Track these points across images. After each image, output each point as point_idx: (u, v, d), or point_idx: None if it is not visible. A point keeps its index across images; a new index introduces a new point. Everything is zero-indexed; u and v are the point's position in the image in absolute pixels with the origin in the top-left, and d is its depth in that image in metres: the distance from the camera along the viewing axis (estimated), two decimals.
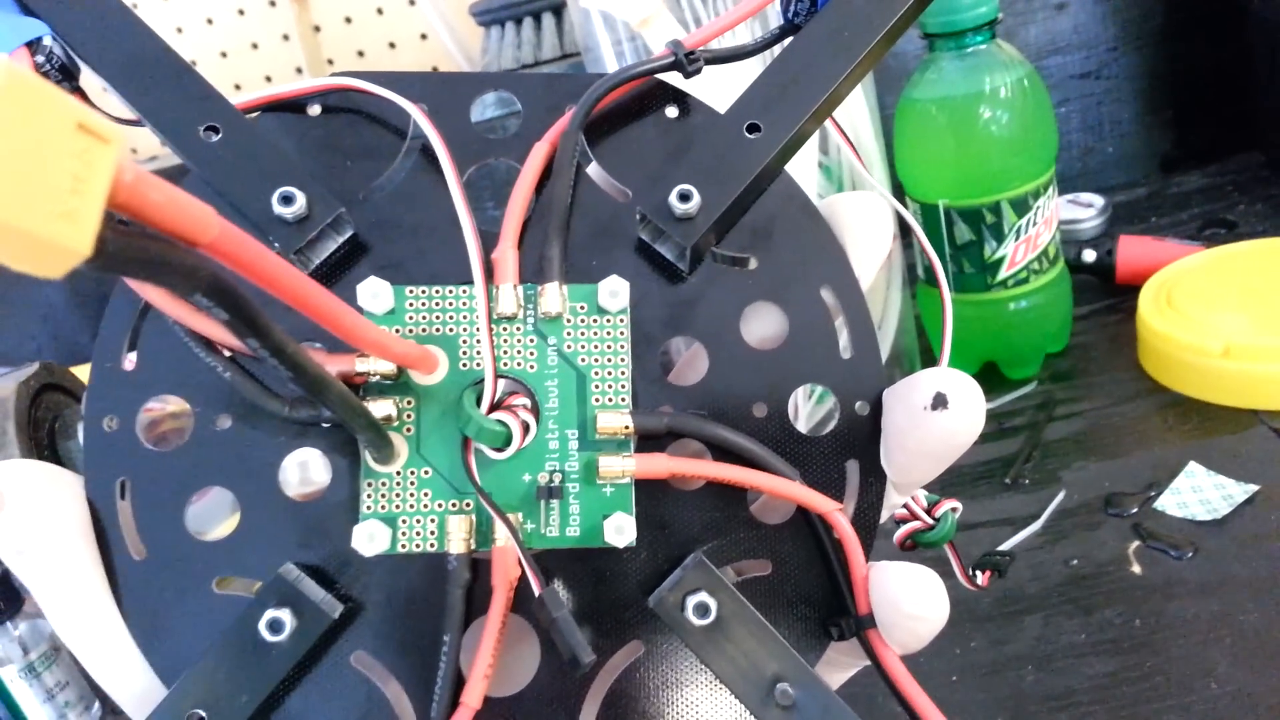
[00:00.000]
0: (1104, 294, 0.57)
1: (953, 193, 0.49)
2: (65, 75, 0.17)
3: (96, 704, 0.46)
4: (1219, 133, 0.69)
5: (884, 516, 0.19)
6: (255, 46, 0.85)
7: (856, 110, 0.48)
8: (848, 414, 0.18)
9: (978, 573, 0.37)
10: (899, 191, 0.52)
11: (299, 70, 0.84)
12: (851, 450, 0.18)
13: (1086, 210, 0.63)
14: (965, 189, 0.48)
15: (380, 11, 0.83)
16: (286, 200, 0.16)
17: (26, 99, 0.08)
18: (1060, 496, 0.43)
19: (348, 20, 0.84)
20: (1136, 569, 0.38)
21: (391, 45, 0.84)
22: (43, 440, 0.32)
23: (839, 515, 0.17)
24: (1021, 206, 0.48)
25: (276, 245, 0.16)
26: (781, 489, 0.17)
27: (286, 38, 0.84)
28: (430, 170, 0.17)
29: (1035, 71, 0.48)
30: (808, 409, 0.31)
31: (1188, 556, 0.38)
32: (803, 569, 0.17)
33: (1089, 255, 0.56)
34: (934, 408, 0.16)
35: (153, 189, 0.10)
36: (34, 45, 0.16)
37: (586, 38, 0.51)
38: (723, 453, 0.17)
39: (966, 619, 0.38)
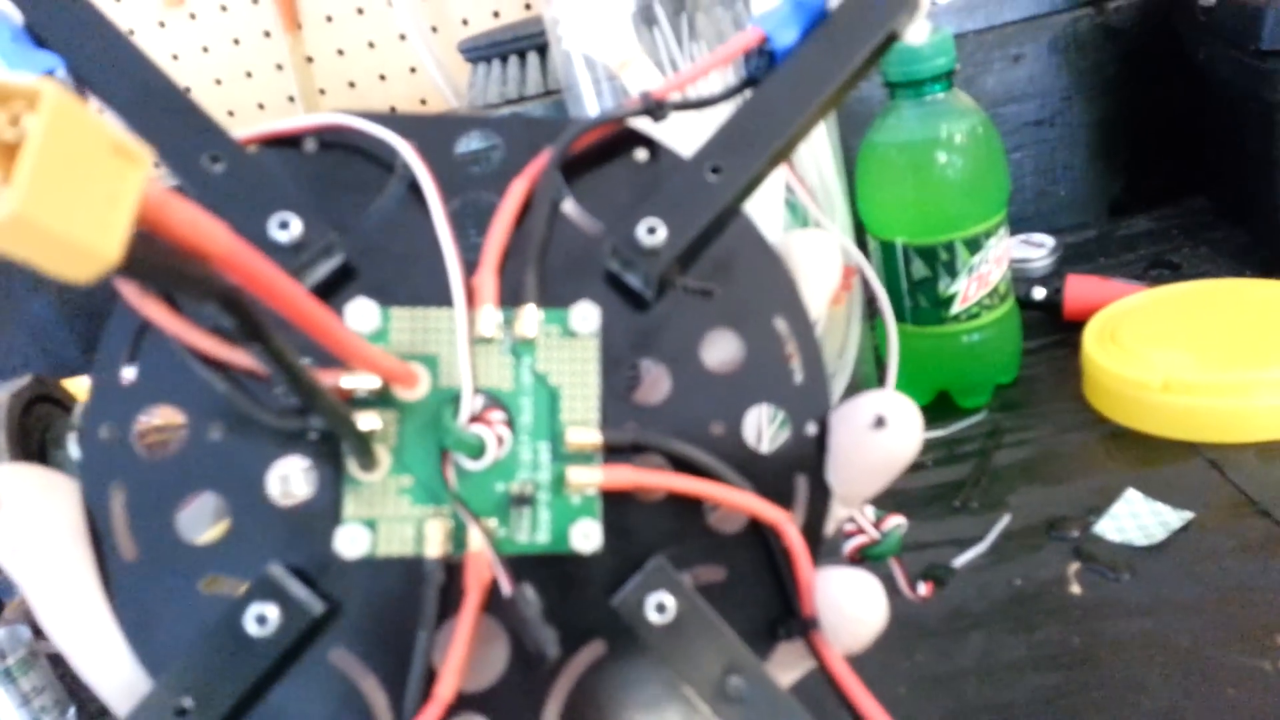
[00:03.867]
0: (1052, 329, 0.59)
1: (910, 231, 0.51)
2: None
3: (72, 709, 0.46)
4: (1166, 179, 0.72)
5: (830, 529, 0.20)
6: (249, 75, 0.86)
7: (821, 152, 0.51)
8: (797, 433, 0.19)
9: (920, 584, 0.39)
10: (860, 229, 0.55)
11: (291, 99, 0.85)
12: (801, 466, 0.19)
13: (1038, 250, 0.65)
14: (922, 228, 0.51)
15: (372, 45, 0.85)
16: (283, 226, 0.17)
17: (73, 123, 0.09)
18: (1006, 519, 0.45)
19: (340, 52, 0.86)
20: (1076, 589, 0.40)
21: (382, 77, 0.86)
22: (33, 450, 0.34)
23: (788, 525, 0.18)
24: (974, 245, 0.51)
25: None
26: (735, 500, 0.18)
27: (280, 67, 0.86)
28: (416, 203, 0.18)
29: (989, 120, 0.51)
30: (770, 431, 0.33)
31: (1125, 579, 0.40)
32: (754, 575, 0.18)
33: (1039, 292, 0.59)
34: (875, 427, 0.18)
35: (174, 207, 0.11)
36: (47, 77, 0.17)
37: (568, 77, 0.53)
38: (683, 466, 0.18)
39: (914, 634, 0.40)
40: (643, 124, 0.20)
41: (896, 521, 0.32)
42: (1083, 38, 0.70)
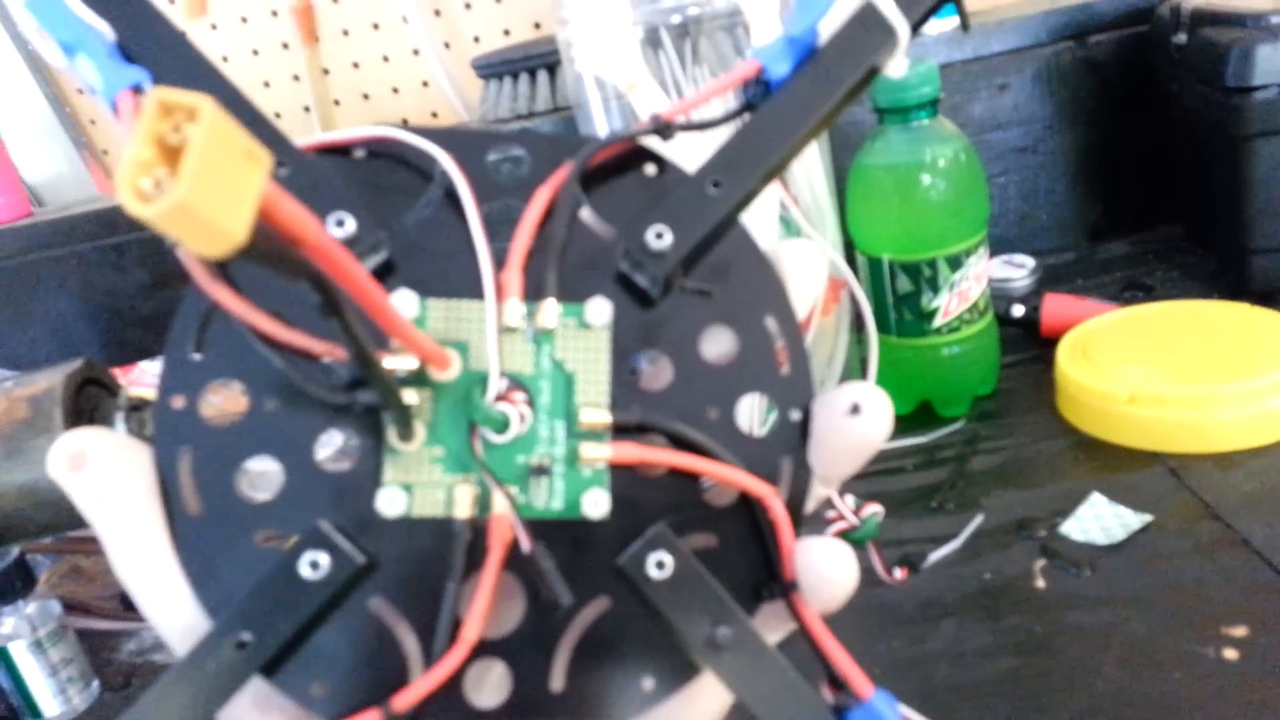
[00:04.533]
0: (1030, 345, 0.63)
1: (896, 248, 0.54)
2: None
3: (95, 681, 0.49)
4: (1143, 205, 0.76)
5: (810, 507, 0.22)
6: (267, 85, 0.89)
7: (814, 173, 0.54)
8: (783, 420, 0.21)
9: (896, 569, 0.42)
10: (849, 245, 0.58)
11: (306, 109, 0.88)
12: (786, 449, 0.21)
13: (1019, 270, 0.69)
14: (907, 246, 0.54)
15: (386, 59, 0.88)
16: (340, 223, 0.20)
17: (221, 131, 0.12)
18: (979, 519, 0.48)
19: (355, 65, 0.89)
20: (1041, 583, 0.43)
21: (395, 90, 0.89)
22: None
23: (774, 499, 0.20)
24: (955, 263, 0.54)
25: None
26: (728, 476, 0.20)
27: (297, 78, 0.88)
28: (450, 207, 0.21)
29: (971, 145, 0.54)
30: (763, 429, 0.36)
31: (1086, 575, 0.43)
32: (742, 544, 0.20)
33: (1018, 310, 0.62)
34: (851, 414, 0.20)
35: (282, 201, 0.13)
36: (136, 90, 0.19)
37: (578, 95, 0.56)
38: (682, 446, 0.20)
39: (891, 621, 0.42)
40: (653, 142, 0.22)
41: (874, 509, 0.35)
42: (1065, 69, 0.73)
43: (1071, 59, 0.73)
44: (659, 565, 0.20)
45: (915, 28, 0.21)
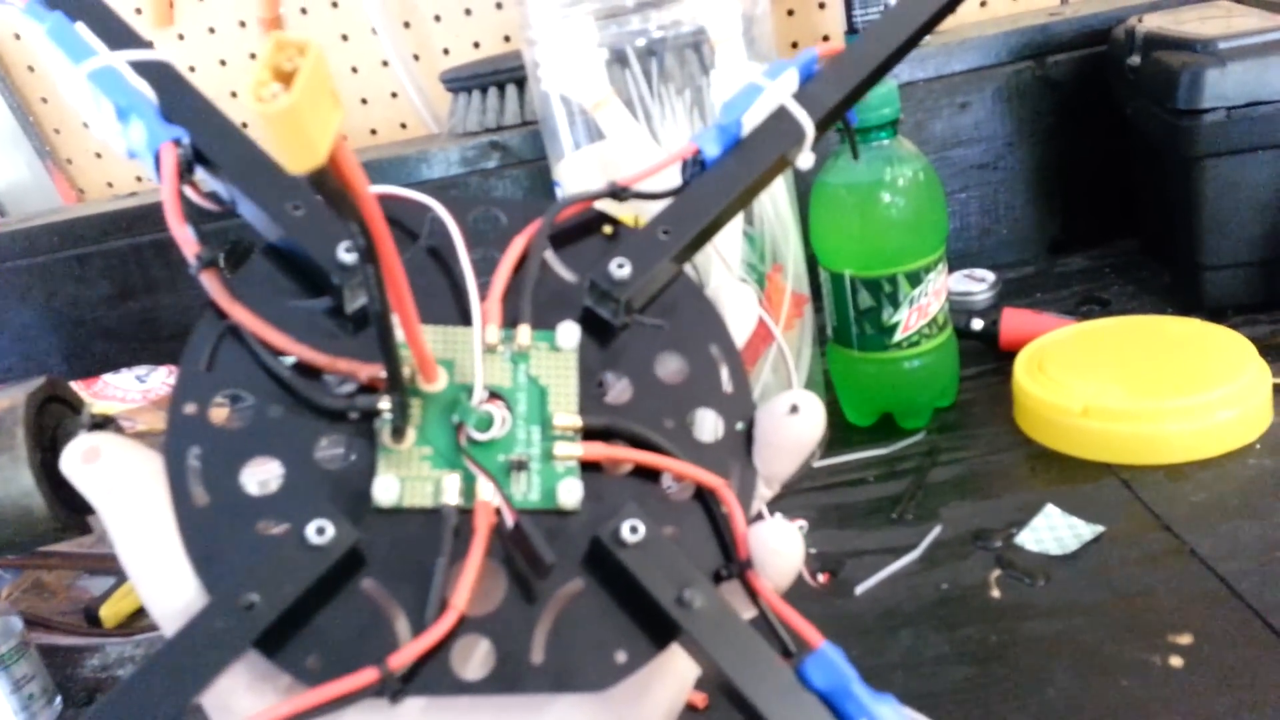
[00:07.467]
0: (989, 359, 0.64)
1: (857, 264, 0.56)
2: (189, 168, 0.23)
3: (58, 698, 0.49)
4: (1101, 221, 0.78)
5: (755, 509, 0.24)
6: (234, 95, 0.89)
7: (778, 191, 0.55)
8: (729, 430, 0.24)
9: (819, 575, 0.44)
10: (813, 261, 0.59)
11: None
12: (732, 454, 0.24)
13: (980, 284, 0.70)
14: (868, 262, 0.55)
15: (355, 70, 0.88)
16: (348, 250, 0.22)
17: (320, 66, 0.14)
18: (937, 530, 0.49)
19: None
20: (996, 593, 0.44)
21: (364, 101, 0.89)
22: (46, 445, 0.36)
23: (726, 490, 0.23)
24: (915, 279, 0.55)
25: (338, 280, 0.22)
26: (686, 471, 0.23)
27: None
28: (433, 257, 0.24)
29: (930, 165, 0.56)
30: (719, 429, 0.37)
31: (1040, 584, 0.44)
32: (699, 534, 0.23)
33: (977, 324, 0.63)
34: (790, 414, 0.23)
35: (346, 148, 0.16)
36: (177, 142, 0.22)
37: (544, 110, 0.57)
38: (643, 448, 0.23)
39: (850, 631, 0.44)
40: (609, 205, 0.25)
41: (799, 524, 0.36)
42: (1024, 89, 0.75)
43: (1031, 78, 0.75)
44: (633, 530, 0.22)
45: (821, 128, 0.25)
